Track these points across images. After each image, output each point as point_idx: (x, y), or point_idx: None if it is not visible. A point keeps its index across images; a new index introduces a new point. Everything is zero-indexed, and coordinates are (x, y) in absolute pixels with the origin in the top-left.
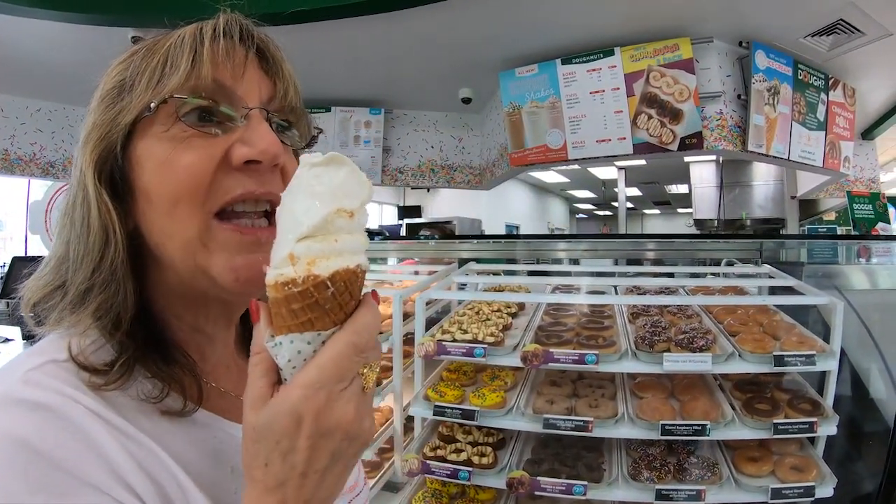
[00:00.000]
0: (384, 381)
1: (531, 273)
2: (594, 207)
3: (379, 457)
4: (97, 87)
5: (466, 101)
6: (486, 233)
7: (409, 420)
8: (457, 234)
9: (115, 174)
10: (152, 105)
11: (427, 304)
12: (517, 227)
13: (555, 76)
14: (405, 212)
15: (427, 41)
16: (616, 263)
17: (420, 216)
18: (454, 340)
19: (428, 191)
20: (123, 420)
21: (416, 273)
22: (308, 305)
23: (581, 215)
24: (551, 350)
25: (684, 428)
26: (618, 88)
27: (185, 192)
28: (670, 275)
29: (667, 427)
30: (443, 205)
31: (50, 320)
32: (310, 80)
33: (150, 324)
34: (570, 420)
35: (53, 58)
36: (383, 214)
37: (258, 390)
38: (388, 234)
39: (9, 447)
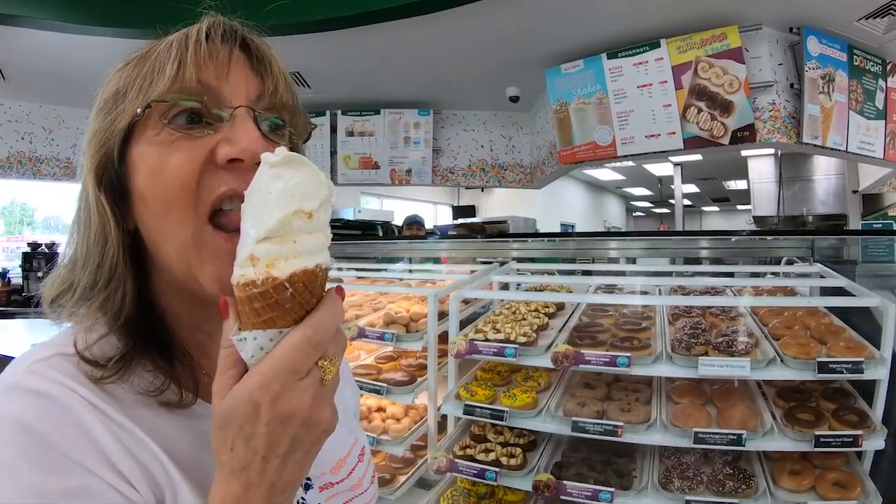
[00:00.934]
0: (419, 379)
1: (572, 272)
2: (651, 205)
3: (413, 453)
4: (96, 97)
5: (514, 99)
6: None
7: (446, 418)
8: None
9: (113, 179)
10: (138, 110)
11: (466, 303)
12: (572, 226)
13: (601, 71)
14: (459, 212)
15: (471, 40)
16: (673, 263)
17: (474, 216)
18: (486, 340)
19: (482, 190)
20: (116, 410)
21: (471, 272)
22: (268, 305)
23: (638, 213)
24: (582, 351)
25: (718, 437)
26: (665, 81)
27: (176, 194)
28: (729, 274)
29: (700, 435)
30: (497, 204)
31: (63, 315)
32: (358, 83)
33: (153, 321)
34: (599, 424)
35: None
36: (438, 215)
37: (225, 381)
38: (440, 234)
39: (13, 429)
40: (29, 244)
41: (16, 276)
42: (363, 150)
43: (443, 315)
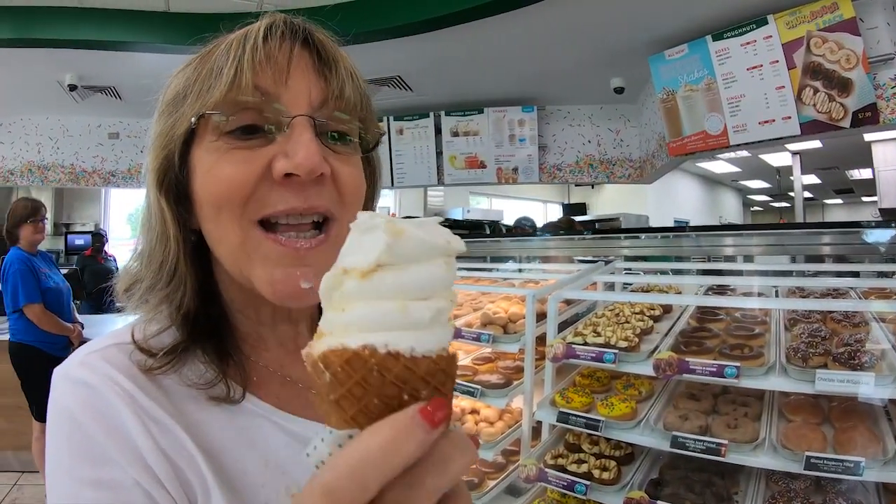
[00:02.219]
0: (514, 383)
1: (682, 272)
2: (769, 199)
3: (505, 459)
4: (159, 99)
5: (619, 90)
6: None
7: (541, 424)
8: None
9: (173, 182)
10: (192, 120)
11: (569, 303)
12: (687, 223)
13: (707, 55)
14: (570, 210)
15: (569, 31)
16: (793, 261)
17: (585, 213)
18: (585, 344)
19: (592, 187)
20: (158, 406)
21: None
22: (315, 392)
23: (756, 208)
24: (687, 359)
25: (833, 463)
26: (777, 61)
27: (226, 201)
28: (854, 274)
29: (812, 460)
30: (608, 201)
31: (130, 307)
32: (459, 83)
33: (216, 315)
34: (700, 441)
35: None
36: (548, 213)
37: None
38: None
39: (60, 415)
40: None
41: None
42: (468, 149)
43: (543, 316)
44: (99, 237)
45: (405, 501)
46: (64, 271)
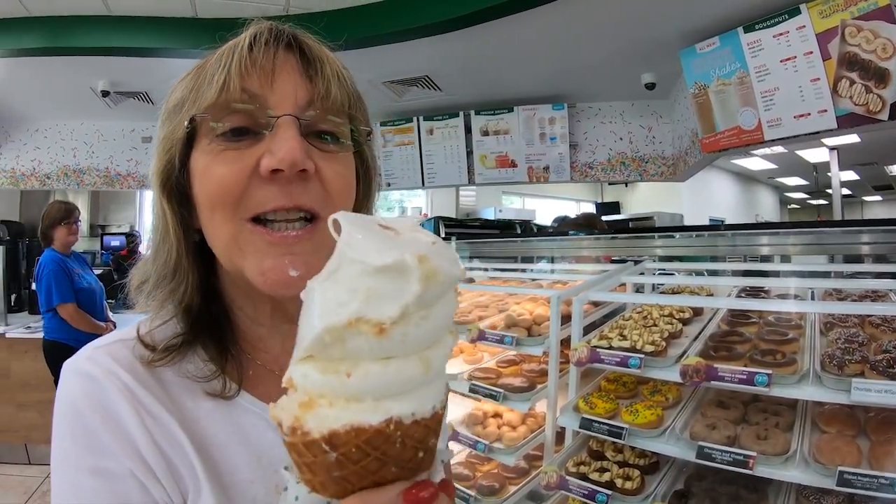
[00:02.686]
0: (538, 386)
1: (715, 273)
2: (807, 196)
3: (528, 464)
4: (162, 106)
5: (650, 86)
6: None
7: (565, 429)
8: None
9: (174, 184)
10: (186, 124)
11: (596, 305)
12: (722, 222)
13: (739, 47)
14: (603, 208)
15: (597, 26)
16: (832, 261)
17: (619, 212)
18: (610, 347)
19: (626, 186)
20: (155, 399)
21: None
22: (305, 464)
23: (793, 206)
24: (715, 366)
25: (868, 479)
26: (811, 52)
27: (219, 200)
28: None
29: (846, 476)
30: (642, 200)
31: (139, 303)
32: (488, 81)
33: (217, 312)
34: (727, 452)
35: None
36: (581, 211)
37: None
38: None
39: (65, 405)
40: None
41: None
42: (499, 148)
43: (569, 318)
44: (133, 238)
45: None
46: (98, 272)
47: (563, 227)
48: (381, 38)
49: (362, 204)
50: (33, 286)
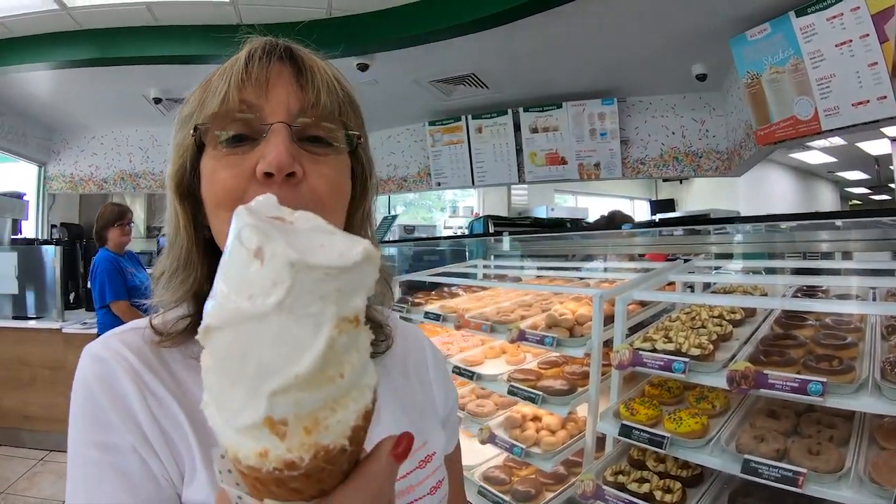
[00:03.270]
0: (579, 389)
1: (770, 271)
2: (868, 191)
3: (566, 470)
4: (177, 114)
5: (701, 77)
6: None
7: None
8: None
9: (186, 186)
10: (191, 132)
11: (643, 305)
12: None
13: (791, 33)
14: (657, 206)
15: (646, 15)
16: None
17: (673, 210)
18: (653, 350)
19: (680, 183)
20: (156, 379)
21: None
22: (318, 480)
23: (855, 202)
24: (765, 372)
25: None
26: (867, 35)
27: (223, 200)
28: None
29: None
30: (697, 196)
31: (156, 294)
32: (535, 77)
33: None
34: (775, 468)
35: None
36: (635, 210)
37: None
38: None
39: (79, 385)
40: None
41: None
42: (549, 146)
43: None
44: None
45: None
46: (150, 270)
47: (595, 225)
48: (424, 37)
49: (358, 204)
50: (89, 284)
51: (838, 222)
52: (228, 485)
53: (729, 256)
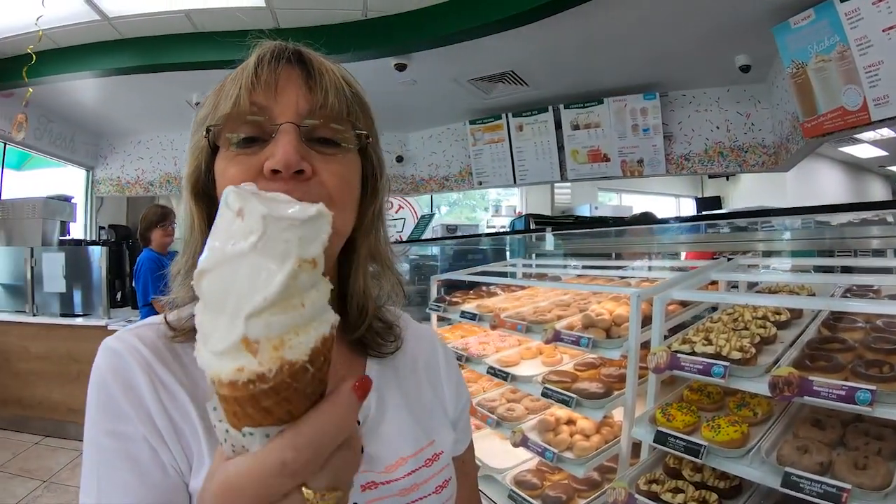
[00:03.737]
0: (615, 393)
1: (820, 269)
2: None
3: (601, 476)
4: (193, 119)
5: (745, 69)
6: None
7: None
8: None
9: (201, 186)
10: (204, 133)
11: (685, 305)
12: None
13: (836, 18)
14: (703, 204)
15: (686, 5)
16: None
17: (720, 207)
18: (692, 353)
19: (727, 179)
20: (168, 371)
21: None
22: (284, 399)
23: None
24: (810, 378)
25: None
26: None
27: None
28: None
29: None
30: (745, 193)
31: (172, 292)
32: (575, 73)
33: None
34: (818, 482)
35: None
36: (680, 208)
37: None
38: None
39: (95, 375)
40: None
41: None
42: (591, 142)
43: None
44: None
45: (345, 459)
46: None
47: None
48: (460, 35)
49: (369, 202)
50: (133, 283)
51: (889, 217)
52: (215, 422)
53: (776, 254)
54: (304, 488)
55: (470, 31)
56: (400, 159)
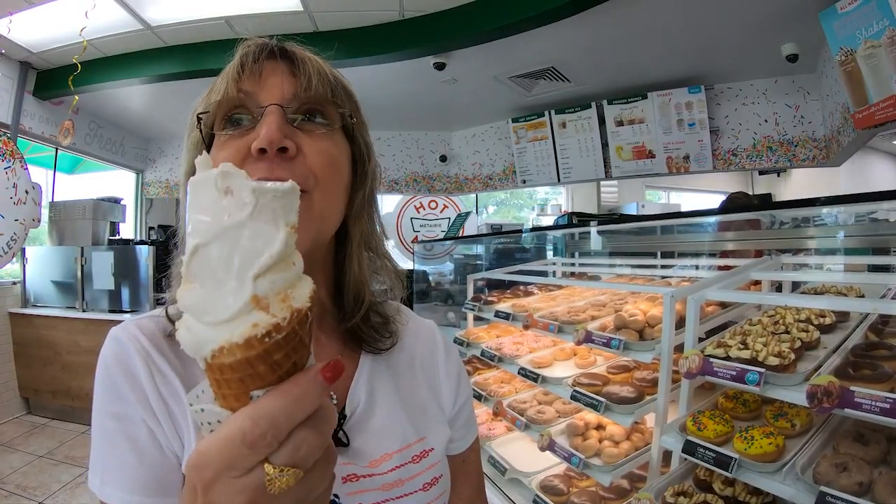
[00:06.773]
0: (647, 398)
1: (874, 268)
2: None
3: (630, 484)
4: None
5: (792, 58)
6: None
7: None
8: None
9: None
10: (192, 119)
11: (724, 306)
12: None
13: (885, 0)
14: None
15: None
16: None
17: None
18: (727, 357)
19: (778, 175)
20: (164, 360)
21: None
22: (293, 348)
23: None
24: (852, 388)
25: None
26: None
27: None
28: None
29: None
30: (796, 190)
31: (171, 286)
32: (617, 67)
33: None
34: None
35: (377, 94)
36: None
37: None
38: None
39: (100, 362)
40: None
41: None
42: (635, 138)
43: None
44: None
45: (308, 440)
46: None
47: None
48: (498, 31)
49: (359, 187)
50: None
51: None
52: (197, 409)
53: (827, 252)
54: (265, 464)
55: (508, 27)
56: (444, 159)
